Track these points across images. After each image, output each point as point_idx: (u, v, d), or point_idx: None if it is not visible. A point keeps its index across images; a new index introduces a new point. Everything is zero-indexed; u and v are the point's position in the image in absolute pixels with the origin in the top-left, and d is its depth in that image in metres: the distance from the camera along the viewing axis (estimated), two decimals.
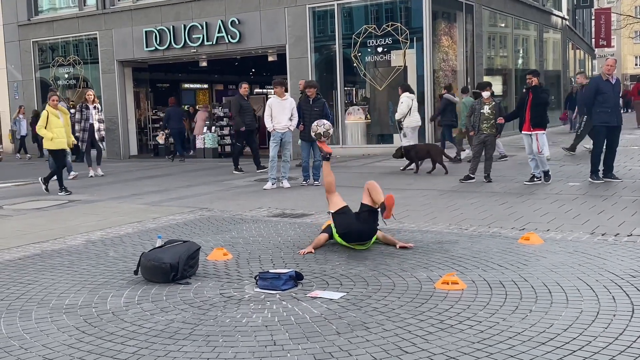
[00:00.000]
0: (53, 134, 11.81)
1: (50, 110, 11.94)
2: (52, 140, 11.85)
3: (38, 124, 12.01)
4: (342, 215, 6.64)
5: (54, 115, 11.91)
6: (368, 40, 17.67)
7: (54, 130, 11.84)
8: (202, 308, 4.84)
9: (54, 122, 11.87)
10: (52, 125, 11.85)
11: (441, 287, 5.07)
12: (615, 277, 5.18)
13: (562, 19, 29.08)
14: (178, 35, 20.04)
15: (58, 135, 11.86)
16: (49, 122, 11.84)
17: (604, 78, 10.56)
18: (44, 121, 11.86)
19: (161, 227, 8.16)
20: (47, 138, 11.87)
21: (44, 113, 11.97)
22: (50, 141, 11.88)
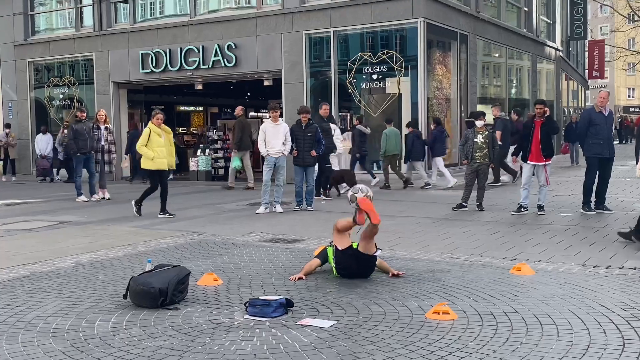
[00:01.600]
0: (154, 153, 11.07)
1: (153, 128, 11.21)
2: (152, 159, 11.11)
3: (139, 142, 11.24)
4: (346, 255, 6.44)
5: (157, 133, 11.19)
6: (363, 67, 17.78)
7: (155, 149, 11.09)
8: (190, 334, 4.79)
9: (155, 140, 11.13)
10: (153, 144, 11.10)
11: (432, 317, 5.04)
12: (607, 310, 5.16)
13: (555, 50, 29.37)
14: (174, 58, 20.12)
15: (159, 154, 11.13)
16: (150, 140, 11.10)
17: (597, 110, 10.63)
18: (145, 139, 11.14)
19: (151, 251, 8.11)
20: (148, 157, 11.11)
21: (146, 130, 11.29)
22: (150, 160, 11.13)
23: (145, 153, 11.12)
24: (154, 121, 11.28)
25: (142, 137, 11.24)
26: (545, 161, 10.55)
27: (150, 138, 11.12)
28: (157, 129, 11.24)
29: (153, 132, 11.18)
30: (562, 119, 28.01)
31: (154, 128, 11.21)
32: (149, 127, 11.27)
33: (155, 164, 11.16)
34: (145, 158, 11.18)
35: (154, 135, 11.16)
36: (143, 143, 11.12)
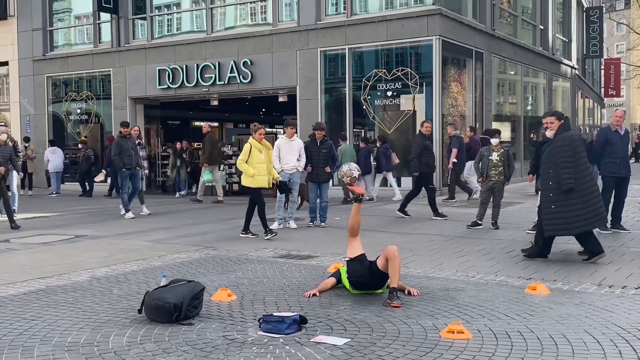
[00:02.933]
0: (255, 170, 10.45)
1: (254, 144, 10.54)
2: (253, 177, 10.46)
3: (239, 158, 10.63)
4: (357, 262, 6.54)
5: (257, 149, 10.53)
6: (378, 84, 17.84)
7: (256, 166, 10.46)
8: (204, 350, 4.81)
9: (256, 157, 10.48)
10: (254, 160, 10.46)
11: (446, 336, 5.02)
12: (622, 331, 5.12)
13: (571, 68, 29.31)
14: (191, 74, 20.30)
15: (260, 172, 10.48)
16: (251, 156, 10.45)
17: (613, 129, 10.58)
18: (245, 155, 10.49)
19: (166, 265, 8.15)
20: (248, 174, 10.48)
21: (247, 146, 10.61)
22: (250, 178, 10.48)
23: (246, 170, 10.48)
24: (256, 136, 10.60)
25: (243, 153, 10.60)
26: None
27: (251, 154, 10.48)
28: (258, 144, 10.57)
29: (254, 147, 10.51)
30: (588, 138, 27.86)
31: (255, 143, 10.54)
32: (250, 143, 10.58)
33: (255, 181, 10.49)
34: (246, 175, 10.57)
35: (254, 151, 10.50)
36: (243, 159, 10.49)
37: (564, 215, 7.90)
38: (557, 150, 8.00)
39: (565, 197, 7.86)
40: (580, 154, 7.96)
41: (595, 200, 7.96)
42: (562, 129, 8.13)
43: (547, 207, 8.09)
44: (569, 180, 7.79)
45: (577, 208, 7.85)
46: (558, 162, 7.92)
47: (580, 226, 7.93)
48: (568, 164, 7.86)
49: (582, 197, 7.86)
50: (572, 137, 8.07)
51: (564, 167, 7.86)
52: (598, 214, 8.00)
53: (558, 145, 8.03)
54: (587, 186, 7.91)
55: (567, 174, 7.81)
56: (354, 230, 6.84)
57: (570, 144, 7.94)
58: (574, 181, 7.81)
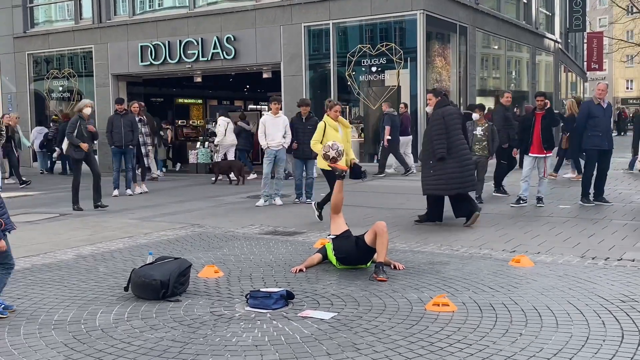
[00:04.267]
0: None
1: (329, 122, 9.59)
2: None
3: (314, 138, 9.64)
4: (343, 239, 6.62)
5: (333, 128, 9.57)
6: (362, 59, 17.77)
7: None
8: (192, 326, 4.83)
9: (331, 135, 9.43)
10: (329, 139, 9.20)
11: (432, 308, 5.07)
12: (605, 302, 5.20)
13: (554, 42, 29.33)
14: (173, 51, 20.10)
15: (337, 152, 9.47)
16: (325, 136, 9.47)
17: (596, 102, 10.64)
18: (320, 134, 9.56)
19: (152, 243, 8.14)
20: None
21: (321, 125, 9.66)
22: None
23: (320, 150, 9.12)
24: (331, 113, 9.64)
25: (317, 132, 9.64)
26: (546, 153, 10.57)
27: (325, 133, 9.53)
28: (334, 122, 9.63)
29: (329, 126, 9.58)
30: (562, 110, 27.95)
31: (330, 122, 9.61)
32: (324, 121, 9.66)
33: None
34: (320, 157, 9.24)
35: (329, 129, 9.56)
36: (318, 139, 9.53)
37: (443, 177, 8.86)
38: (432, 124, 9.03)
39: (442, 164, 8.80)
40: (454, 126, 8.91)
41: (469, 168, 9.06)
42: (439, 105, 9.08)
43: (427, 172, 9.07)
44: (441, 150, 8.75)
45: (453, 172, 8.83)
46: (433, 134, 8.90)
47: (456, 188, 8.90)
48: (441, 136, 8.81)
49: (457, 163, 8.85)
50: (444, 113, 8.97)
51: (437, 138, 8.82)
52: (472, 180, 9.14)
53: (433, 119, 9.06)
54: (461, 154, 8.92)
55: (440, 145, 8.77)
56: (337, 208, 6.90)
57: (443, 119, 8.89)
58: (449, 150, 8.77)
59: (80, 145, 11.12)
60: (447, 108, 9.11)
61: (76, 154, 11.21)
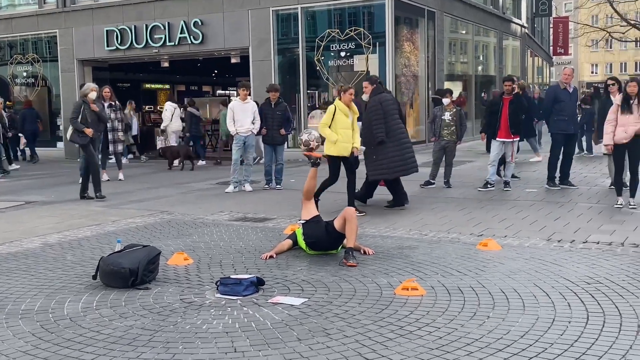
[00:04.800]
0: (338, 135, 9.04)
1: (340, 106, 9.11)
2: (335, 143, 9.03)
3: (322, 121, 9.26)
4: (313, 224, 6.64)
5: (343, 113, 9.10)
6: (331, 44, 17.74)
7: (340, 131, 9.05)
8: (161, 314, 4.81)
9: (341, 121, 9.06)
10: (337, 124, 9.06)
11: (401, 293, 5.12)
12: (571, 284, 5.30)
13: (521, 27, 29.60)
14: (140, 35, 19.83)
15: (344, 138, 9.05)
16: (335, 120, 9.08)
17: (562, 87, 10.78)
18: (329, 118, 9.12)
19: (120, 231, 8.07)
20: (331, 140, 9.06)
21: (331, 108, 9.18)
22: (332, 145, 9.04)
23: (329, 135, 9.05)
24: (345, 97, 9.17)
25: (326, 115, 9.23)
26: (513, 138, 10.69)
27: (335, 117, 9.11)
28: (345, 107, 9.17)
29: (339, 110, 9.11)
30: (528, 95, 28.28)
31: (341, 106, 9.15)
32: (335, 105, 9.20)
33: (337, 148, 9.06)
34: (328, 141, 9.13)
35: (339, 114, 9.09)
36: (326, 123, 9.11)
37: (385, 162, 9.14)
38: (370, 111, 9.27)
39: (382, 149, 9.09)
40: (391, 112, 9.22)
41: (408, 151, 9.34)
42: (375, 92, 9.33)
43: (370, 157, 9.29)
44: (381, 135, 9.06)
45: (394, 156, 9.15)
46: (371, 120, 9.16)
47: (398, 171, 9.26)
48: (379, 122, 9.10)
49: (397, 147, 9.17)
50: (381, 99, 9.24)
51: (375, 124, 9.11)
52: (412, 162, 9.39)
53: (371, 106, 9.27)
54: (399, 137, 9.25)
55: (379, 130, 9.07)
56: (309, 194, 6.93)
57: (380, 105, 9.16)
58: (387, 135, 9.09)
59: (85, 131, 10.62)
60: (383, 95, 9.40)
61: (80, 139, 10.71)
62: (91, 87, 11.12)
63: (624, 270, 5.68)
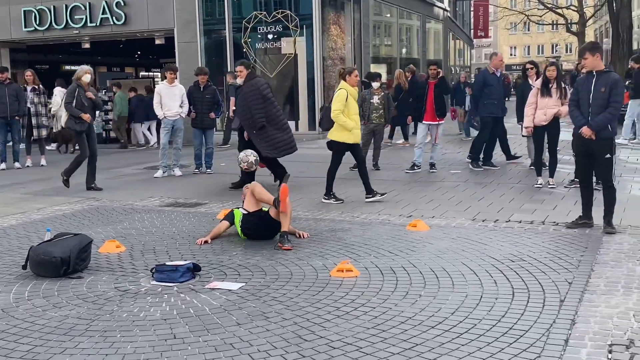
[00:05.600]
0: (353, 122, 8.52)
1: (350, 90, 8.53)
2: (351, 131, 8.49)
3: (336, 107, 8.42)
4: (255, 217, 6.58)
5: (353, 96, 8.60)
6: (258, 26, 17.66)
7: (352, 117, 8.51)
8: (97, 303, 4.77)
9: (353, 106, 8.56)
10: (350, 110, 8.49)
11: (336, 274, 5.25)
12: (496, 262, 5.55)
13: (443, 10, 30.16)
14: (59, 16, 19.19)
15: (357, 124, 8.63)
16: (347, 106, 8.45)
17: (490, 71, 11.06)
18: (342, 104, 8.40)
19: (47, 219, 7.88)
20: (347, 128, 8.43)
21: (342, 93, 8.46)
22: (347, 132, 8.48)
23: (344, 123, 8.42)
24: (351, 79, 8.63)
25: (339, 101, 8.44)
26: (439, 121, 10.97)
27: (347, 102, 8.47)
28: (355, 91, 8.70)
29: (351, 95, 8.55)
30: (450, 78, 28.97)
31: (351, 90, 8.59)
32: (344, 89, 8.53)
33: (352, 136, 8.55)
34: (343, 129, 8.49)
35: (351, 99, 8.54)
36: (340, 109, 8.39)
37: (270, 143, 9.35)
38: (247, 96, 9.31)
39: (264, 132, 9.32)
40: (267, 95, 9.41)
41: (288, 132, 9.64)
42: (250, 77, 9.43)
43: (255, 140, 9.39)
44: (262, 120, 9.22)
45: (276, 136, 9.40)
46: (251, 105, 9.22)
47: (283, 150, 9.51)
48: (258, 106, 9.22)
49: (278, 129, 9.43)
50: (258, 84, 9.40)
51: (255, 108, 9.21)
52: (292, 142, 9.66)
53: (248, 91, 9.33)
54: (278, 120, 9.51)
55: (259, 114, 9.21)
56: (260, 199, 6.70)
57: (257, 89, 9.30)
58: (268, 119, 9.27)
59: (82, 116, 9.78)
60: (258, 80, 9.59)
61: (77, 125, 9.86)
62: (85, 69, 10.25)
63: (545, 247, 5.99)
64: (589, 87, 6.56)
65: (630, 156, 11.99)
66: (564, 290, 4.76)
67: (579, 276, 5.09)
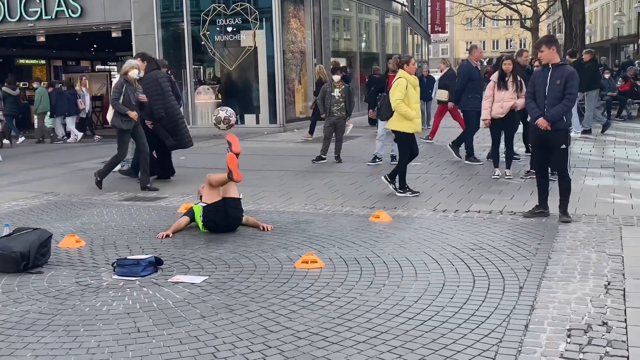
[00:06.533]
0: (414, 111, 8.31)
1: (410, 79, 8.32)
2: (412, 120, 8.28)
3: (396, 97, 8.21)
4: (214, 209, 6.51)
5: (413, 85, 8.37)
6: (217, 19, 17.54)
7: (413, 106, 8.28)
8: (58, 297, 4.71)
9: (413, 95, 8.32)
10: (411, 99, 8.26)
11: (301, 266, 5.27)
12: (457, 251, 5.64)
13: (402, 5, 30.36)
14: (13, 8, 18.75)
15: (417, 113, 8.37)
16: (407, 95, 8.23)
17: (474, 65, 11.03)
18: (402, 92, 8.19)
19: (4, 214, 7.73)
20: (408, 117, 8.22)
21: (402, 82, 8.25)
22: (409, 122, 8.27)
23: (406, 112, 8.22)
24: (410, 68, 8.43)
25: (398, 90, 8.24)
26: None
27: (407, 91, 8.27)
28: (414, 80, 8.48)
29: (410, 84, 8.34)
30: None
31: (411, 79, 8.39)
32: (404, 77, 8.32)
33: (414, 125, 8.34)
34: (403, 118, 8.29)
35: (411, 88, 8.33)
36: (401, 98, 8.20)
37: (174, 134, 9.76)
38: (146, 88, 9.49)
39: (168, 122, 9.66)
40: (166, 89, 9.71)
41: (183, 126, 10.05)
42: (150, 69, 9.69)
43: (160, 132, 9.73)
44: (160, 111, 9.54)
45: (180, 128, 9.86)
46: (151, 96, 9.42)
47: (187, 142, 10.03)
48: (157, 97, 9.52)
49: (174, 122, 9.79)
50: (157, 76, 9.68)
51: (154, 100, 9.47)
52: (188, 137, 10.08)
53: (146, 83, 9.56)
54: (175, 114, 9.91)
55: (158, 106, 9.52)
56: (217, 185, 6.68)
57: (156, 81, 9.58)
58: (165, 111, 9.58)
59: (129, 114, 9.02)
60: (158, 72, 9.79)
61: (124, 124, 9.10)
62: (132, 64, 9.33)
63: (503, 236, 6.10)
64: (545, 80, 6.69)
65: (583, 147, 12.26)
66: (523, 277, 4.87)
67: (536, 263, 5.21)
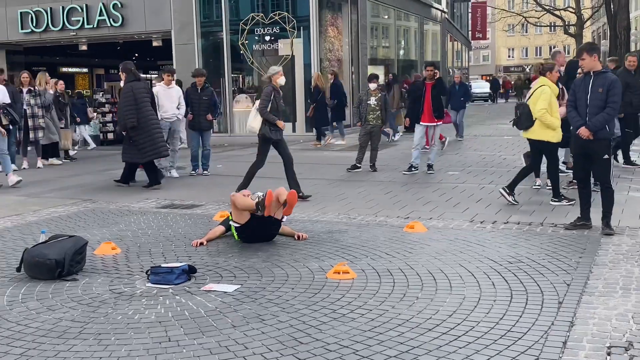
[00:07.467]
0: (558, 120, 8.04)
1: (553, 88, 8.08)
2: (555, 130, 8.02)
3: (541, 107, 7.90)
4: (249, 226, 6.40)
5: (555, 94, 8.10)
6: (255, 28, 17.65)
7: (555, 114, 8.02)
8: (91, 305, 4.73)
9: (555, 104, 8.07)
10: (553, 107, 8.01)
11: (333, 276, 5.20)
12: (494, 264, 5.51)
13: (441, 12, 30.19)
14: (56, 18, 19.17)
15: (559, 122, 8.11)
16: (550, 105, 7.99)
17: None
18: (547, 102, 7.92)
19: (43, 221, 7.84)
20: (553, 127, 7.98)
21: (546, 91, 7.98)
22: (552, 131, 8.01)
23: (551, 123, 7.95)
24: (552, 76, 8.20)
25: (544, 100, 7.94)
26: (437, 122, 10.93)
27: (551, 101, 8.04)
28: (556, 88, 8.18)
29: (553, 92, 8.10)
30: (448, 79, 29.00)
31: (554, 87, 8.13)
32: (548, 85, 8.06)
33: (557, 134, 8.03)
34: (546, 128, 8.00)
35: (553, 97, 8.09)
36: (546, 107, 7.92)
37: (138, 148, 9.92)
38: (122, 97, 10.03)
39: (137, 133, 9.86)
40: (142, 99, 9.93)
41: (157, 137, 10.10)
42: (128, 80, 10.02)
43: (126, 141, 10.14)
44: (132, 120, 9.78)
45: (144, 142, 9.93)
46: (122, 106, 9.90)
47: (149, 156, 10.04)
48: (130, 108, 9.80)
49: (148, 134, 9.93)
50: (134, 87, 9.91)
51: (126, 110, 9.80)
52: (162, 146, 10.22)
53: (123, 92, 10.05)
54: (150, 124, 10.00)
55: (130, 115, 9.79)
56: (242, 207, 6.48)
57: (131, 91, 9.89)
58: (139, 122, 9.80)
59: (277, 123, 8.72)
60: (135, 83, 10.07)
61: (273, 134, 8.76)
62: (278, 70, 8.93)
63: (543, 249, 5.95)
64: (586, 88, 6.54)
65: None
66: (562, 292, 4.72)
67: (577, 278, 5.06)
